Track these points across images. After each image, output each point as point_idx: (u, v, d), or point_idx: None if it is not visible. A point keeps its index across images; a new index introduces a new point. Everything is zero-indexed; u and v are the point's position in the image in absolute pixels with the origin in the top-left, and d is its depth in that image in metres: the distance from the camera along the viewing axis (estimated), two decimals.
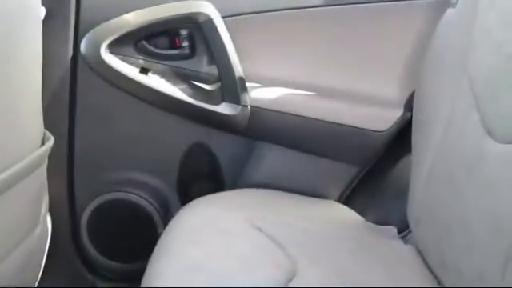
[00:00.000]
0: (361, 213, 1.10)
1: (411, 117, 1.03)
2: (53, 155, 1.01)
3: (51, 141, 1.02)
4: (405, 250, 0.96)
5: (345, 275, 0.81)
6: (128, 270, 1.21)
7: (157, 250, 0.90)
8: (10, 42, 0.86)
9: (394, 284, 0.81)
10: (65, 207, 1.19)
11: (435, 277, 0.87)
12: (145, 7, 1.09)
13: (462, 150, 0.82)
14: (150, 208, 1.16)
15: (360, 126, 1.10)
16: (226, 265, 0.79)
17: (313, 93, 1.11)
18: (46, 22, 0.95)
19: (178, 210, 1.03)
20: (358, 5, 1.07)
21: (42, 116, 1.00)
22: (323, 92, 1.11)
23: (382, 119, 1.10)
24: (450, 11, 0.98)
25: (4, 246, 0.91)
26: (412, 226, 0.98)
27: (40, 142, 1.00)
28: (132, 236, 1.18)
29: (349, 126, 1.10)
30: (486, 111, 0.78)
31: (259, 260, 0.82)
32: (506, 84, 0.75)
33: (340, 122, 1.10)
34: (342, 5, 1.07)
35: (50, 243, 1.13)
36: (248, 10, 1.09)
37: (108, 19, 1.08)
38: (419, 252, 0.95)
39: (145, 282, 0.83)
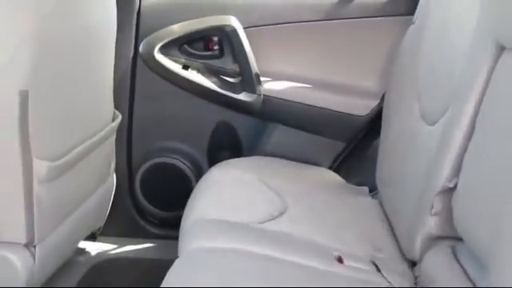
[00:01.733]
0: (345, 177, 1.46)
1: None
2: (118, 128, 1.41)
3: (119, 118, 1.42)
4: (370, 203, 1.31)
5: (319, 214, 1.17)
6: (169, 216, 1.59)
7: (192, 196, 1.28)
8: (99, 47, 1.26)
9: (353, 220, 1.16)
10: (124, 168, 1.59)
11: (389, 222, 1.21)
12: (187, 20, 1.47)
13: (408, 130, 1.15)
14: (186, 169, 1.55)
15: (346, 111, 1.45)
16: (239, 203, 1.17)
17: (310, 85, 1.47)
18: (117, 31, 1.34)
19: (207, 170, 1.42)
20: (344, 20, 1.42)
21: (112, 100, 1.40)
22: (318, 85, 1.46)
23: (363, 107, 1.45)
24: (411, 27, 1.31)
25: (88, 189, 1.32)
26: (378, 186, 1.33)
27: (111, 119, 1.40)
28: (173, 190, 1.56)
29: (337, 111, 1.46)
30: (423, 103, 1.11)
31: (261, 201, 1.19)
32: (431, 84, 1.08)
33: (330, 108, 1.46)
34: (332, 20, 1.42)
35: (114, 194, 1.52)
36: (262, 23, 1.45)
37: (160, 29, 1.47)
38: (381, 205, 1.29)
39: (184, 216, 1.20)
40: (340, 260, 0.98)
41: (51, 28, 1.02)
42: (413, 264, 0.99)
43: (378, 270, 0.97)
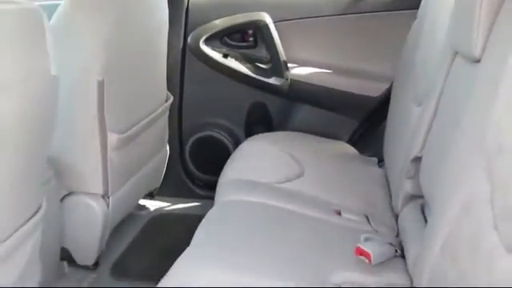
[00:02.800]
0: (359, 150, 1.71)
1: None
2: (170, 107, 1.72)
3: (171, 99, 1.73)
4: (376, 171, 1.56)
5: (329, 178, 1.44)
6: (211, 180, 1.87)
7: (228, 162, 1.57)
8: (156, 41, 1.57)
9: (356, 184, 1.42)
10: (176, 140, 1.91)
11: (389, 189, 1.45)
12: (227, 16, 1.75)
13: (404, 110, 1.38)
14: (226, 141, 1.85)
15: (361, 93, 1.69)
16: (264, 167, 1.45)
17: (330, 71, 1.72)
18: (169, 27, 1.64)
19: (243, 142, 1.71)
20: (359, 14, 1.65)
21: (166, 84, 1.71)
22: (337, 70, 1.71)
23: (375, 89, 1.68)
24: (415, 21, 1.52)
25: (146, 156, 1.65)
26: (384, 157, 1.57)
27: (165, 99, 1.72)
28: (215, 158, 1.84)
29: (353, 93, 1.70)
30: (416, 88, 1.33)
31: (283, 167, 1.46)
32: (421, 74, 1.30)
33: (347, 90, 1.70)
34: (348, 14, 1.65)
35: (167, 161, 1.85)
36: (289, 18, 1.71)
37: (204, 24, 1.75)
38: (386, 175, 1.53)
39: (221, 177, 1.50)
40: (338, 213, 1.25)
41: (121, 30, 1.34)
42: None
43: (369, 222, 1.23)
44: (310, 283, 0.97)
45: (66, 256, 1.45)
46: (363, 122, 1.75)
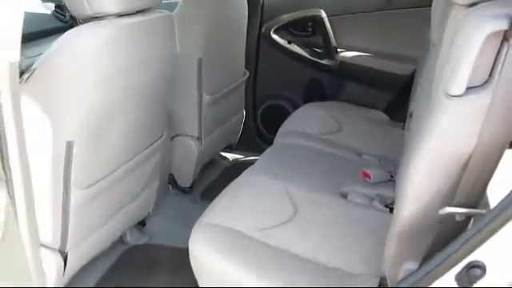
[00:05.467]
0: (391, 117, 2.18)
1: None
2: (247, 81, 2.30)
3: (247, 74, 2.31)
4: (400, 133, 2.02)
5: (357, 135, 1.93)
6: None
7: (284, 123, 2.11)
8: (238, 31, 2.15)
9: (377, 140, 1.91)
10: (250, 106, 2.48)
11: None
12: (292, 11, 2.29)
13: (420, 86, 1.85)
14: (289, 108, 2.40)
15: (393, 71, 2.16)
16: (312, 124, 1.98)
17: (370, 54, 2.20)
18: (248, 19, 2.21)
19: None
20: (394, 10, 2.11)
21: (244, 62, 2.29)
22: (375, 54, 2.19)
23: (405, 69, 2.14)
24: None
25: (227, 115, 2.24)
26: (406, 120, 2.04)
27: (243, 74, 2.30)
28: (280, 121, 2.39)
29: (388, 71, 2.17)
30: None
31: (324, 126, 1.98)
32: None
33: (383, 69, 2.18)
34: (385, 10, 2.12)
35: (243, 123, 2.44)
36: (339, 13, 2.22)
37: (275, 17, 2.31)
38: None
39: (279, 129, 2.05)
40: (359, 155, 1.77)
41: (215, 21, 1.92)
42: None
43: (380, 161, 1.73)
44: (330, 190, 1.50)
45: (171, 181, 2.10)
46: (394, 95, 2.22)
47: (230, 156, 2.53)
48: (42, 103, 1.09)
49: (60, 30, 1.30)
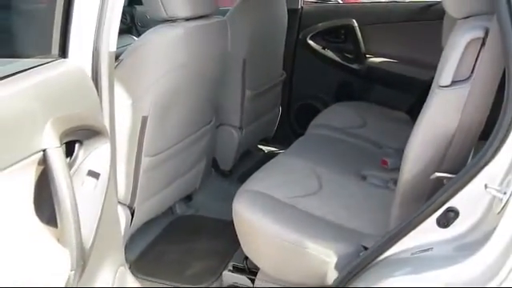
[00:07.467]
0: (413, 118, 2.41)
1: None
2: (284, 81, 2.60)
3: (284, 75, 2.61)
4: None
5: (382, 129, 2.19)
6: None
7: (314, 119, 2.39)
8: (278, 37, 2.45)
9: (400, 135, 2.16)
10: (286, 103, 2.76)
11: None
12: (326, 21, 2.57)
13: None
14: (321, 107, 2.67)
15: (416, 77, 2.41)
16: (340, 120, 2.25)
17: (395, 61, 2.46)
18: (287, 27, 2.51)
19: None
20: (419, 21, 2.37)
21: (282, 65, 2.58)
22: (400, 60, 2.45)
23: (426, 75, 2.36)
24: None
25: (265, 110, 2.54)
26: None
27: (280, 75, 2.59)
28: (312, 118, 2.65)
29: (411, 76, 2.43)
30: None
31: (352, 121, 2.25)
32: None
33: (407, 74, 2.43)
34: (411, 21, 2.39)
35: (279, 119, 2.73)
36: (368, 23, 2.49)
37: (311, 26, 2.60)
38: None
39: (311, 123, 2.33)
40: (380, 147, 2.03)
41: (259, 27, 2.21)
42: None
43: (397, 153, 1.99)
44: (352, 172, 1.77)
45: (214, 164, 2.41)
46: (416, 98, 2.46)
47: (266, 149, 2.82)
48: (126, 85, 1.42)
49: (121, 32, 1.63)
